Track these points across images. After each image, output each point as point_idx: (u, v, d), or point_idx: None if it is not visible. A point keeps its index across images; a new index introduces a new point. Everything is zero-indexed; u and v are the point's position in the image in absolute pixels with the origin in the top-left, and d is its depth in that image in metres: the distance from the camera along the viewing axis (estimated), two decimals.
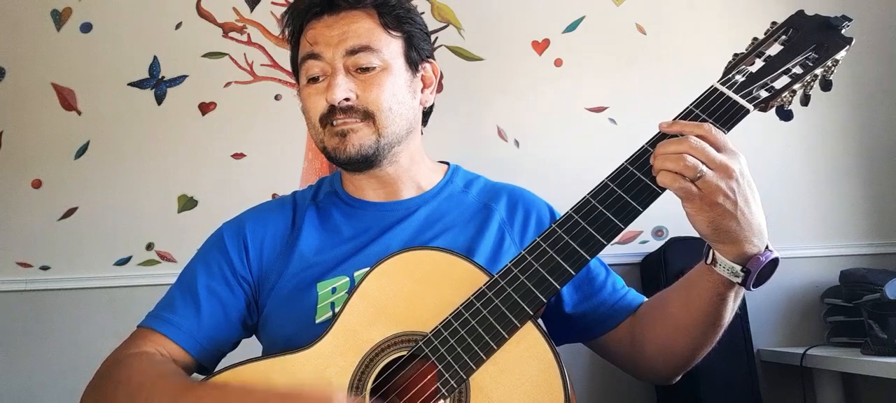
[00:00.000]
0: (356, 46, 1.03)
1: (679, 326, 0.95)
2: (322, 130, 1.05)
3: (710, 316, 0.92)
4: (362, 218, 1.08)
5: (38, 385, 2.08)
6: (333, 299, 0.98)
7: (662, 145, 0.83)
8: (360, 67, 1.03)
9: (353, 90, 1.02)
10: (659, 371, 1.02)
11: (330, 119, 1.03)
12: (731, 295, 0.90)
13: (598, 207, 0.85)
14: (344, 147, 1.03)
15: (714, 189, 0.79)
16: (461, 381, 0.81)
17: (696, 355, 0.97)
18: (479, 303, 0.84)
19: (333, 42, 1.03)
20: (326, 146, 1.05)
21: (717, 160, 0.80)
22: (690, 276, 0.94)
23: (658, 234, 2.34)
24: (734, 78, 0.89)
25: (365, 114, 1.02)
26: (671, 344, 0.97)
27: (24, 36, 2.26)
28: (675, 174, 0.80)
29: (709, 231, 0.83)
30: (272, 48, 2.35)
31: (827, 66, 0.89)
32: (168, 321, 1.00)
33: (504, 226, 1.08)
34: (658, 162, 0.82)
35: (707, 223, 0.82)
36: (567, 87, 2.41)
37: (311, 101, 1.05)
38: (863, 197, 2.45)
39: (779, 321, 2.32)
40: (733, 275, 0.85)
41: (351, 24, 1.04)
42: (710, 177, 0.79)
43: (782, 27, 0.93)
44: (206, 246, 1.10)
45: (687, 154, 0.79)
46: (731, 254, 0.85)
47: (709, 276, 0.89)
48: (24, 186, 2.19)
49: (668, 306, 0.98)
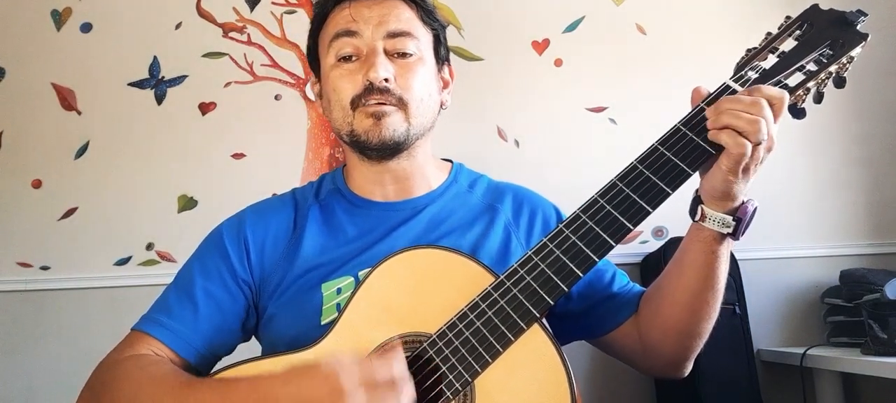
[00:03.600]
0: (398, 30, 1.02)
1: (677, 297, 0.94)
2: (352, 112, 1.01)
3: (705, 279, 0.92)
4: (367, 217, 1.06)
5: (38, 385, 2.07)
6: (339, 300, 0.96)
7: (733, 100, 0.82)
8: (398, 52, 1.02)
9: (392, 73, 1.00)
10: (669, 354, 0.99)
11: (362, 100, 1.00)
12: (722, 249, 0.90)
13: (606, 207, 0.84)
14: (378, 130, 1.00)
15: (758, 159, 0.82)
16: (466, 384, 0.81)
17: (699, 326, 0.96)
18: (484, 305, 0.83)
19: (374, 22, 1.01)
20: (356, 128, 1.01)
21: (773, 132, 0.82)
22: (681, 245, 0.95)
23: (658, 234, 2.34)
24: (747, 75, 0.87)
25: (400, 99, 1.00)
26: (674, 321, 0.96)
27: (24, 36, 2.25)
28: (739, 134, 0.80)
29: (721, 188, 0.84)
30: (272, 48, 2.35)
31: (842, 62, 0.87)
32: (163, 325, 0.97)
33: (510, 227, 1.07)
34: (727, 117, 0.81)
35: (729, 184, 0.84)
36: (567, 87, 2.41)
37: (343, 81, 1.02)
38: (863, 197, 2.45)
39: (779, 321, 2.32)
40: (724, 227, 0.87)
41: (393, 8, 1.03)
42: (763, 147, 0.82)
43: (796, 22, 0.91)
44: (204, 247, 1.06)
45: (761, 117, 0.80)
46: (723, 208, 0.87)
47: (698, 235, 0.90)
48: (24, 186, 2.19)
49: (665, 283, 0.98)
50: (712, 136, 0.83)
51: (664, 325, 0.97)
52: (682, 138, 0.85)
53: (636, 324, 1.02)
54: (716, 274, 0.91)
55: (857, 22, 0.88)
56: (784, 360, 2.17)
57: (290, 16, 2.36)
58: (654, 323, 0.99)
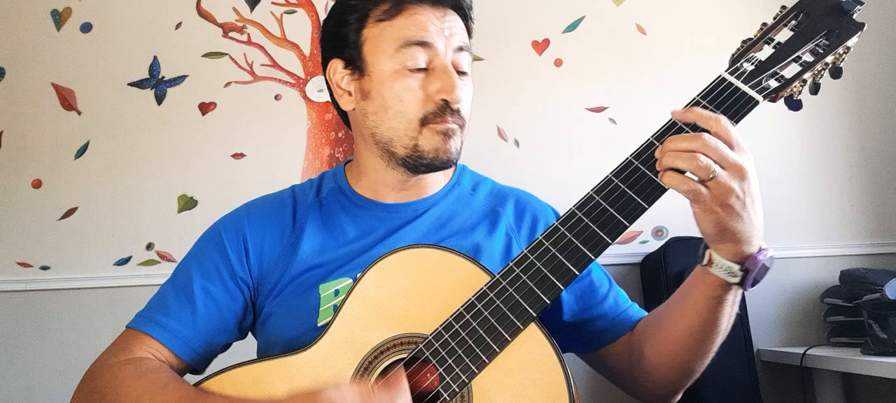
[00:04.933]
0: (462, 45, 1.00)
1: (677, 335, 0.91)
2: (419, 128, 0.97)
3: (707, 322, 0.88)
4: (369, 218, 1.04)
5: (38, 385, 2.07)
6: (336, 302, 0.95)
7: (672, 141, 0.77)
8: (460, 70, 0.99)
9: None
10: (659, 385, 0.97)
11: (435, 118, 0.97)
12: (729, 298, 0.86)
13: (601, 204, 0.82)
14: (447, 148, 0.98)
15: (726, 190, 0.75)
16: (463, 385, 0.80)
17: (694, 365, 0.93)
18: (480, 305, 0.82)
19: (445, 34, 0.98)
20: (422, 145, 0.97)
21: (730, 159, 0.75)
22: (686, 282, 0.91)
23: (658, 234, 2.33)
24: (743, 67, 0.85)
25: (463, 120, 1.00)
26: (670, 356, 0.93)
27: (24, 36, 2.26)
28: (683, 175, 0.75)
29: (714, 231, 0.79)
30: (272, 48, 2.35)
31: (838, 53, 0.85)
32: (161, 324, 0.96)
33: (511, 232, 1.05)
34: (667, 159, 0.76)
35: (714, 224, 0.78)
36: (567, 87, 2.41)
37: (412, 95, 0.96)
38: (863, 197, 2.44)
39: (779, 321, 2.32)
40: (731, 276, 0.82)
41: (456, 21, 1.00)
42: (724, 178, 0.74)
43: (792, 12, 0.88)
44: (202, 245, 1.05)
45: (700, 153, 0.74)
46: (730, 254, 0.81)
47: (704, 279, 0.85)
48: (24, 186, 2.19)
49: (665, 316, 0.95)
50: (661, 178, 0.78)
51: (659, 358, 0.95)
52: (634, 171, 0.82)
53: (629, 348, 1.00)
54: (719, 319, 0.87)
55: (852, 11, 0.86)
56: (784, 360, 2.16)
57: (290, 16, 2.36)
58: (649, 353, 0.96)
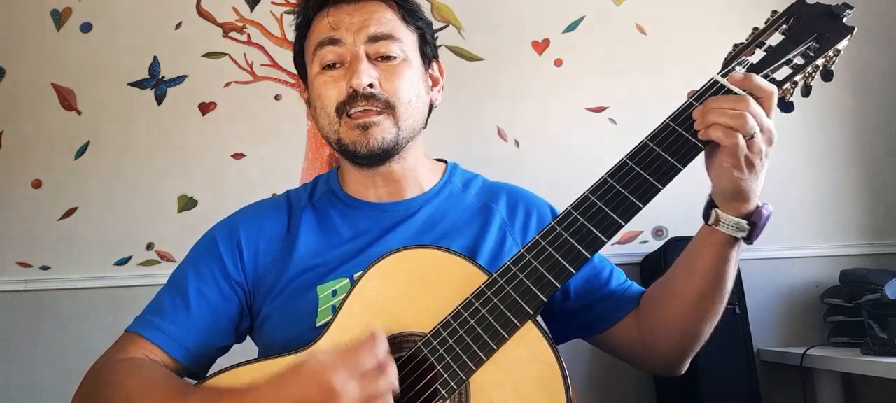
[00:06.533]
0: (380, 33, 1.01)
1: (687, 300, 0.94)
2: (338, 120, 1.01)
3: (715, 282, 0.92)
4: (361, 218, 1.06)
5: (38, 385, 2.08)
6: (334, 302, 0.95)
7: (717, 100, 0.83)
8: (381, 56, 1.01)
9: (376, 77, 1.00)
10: (668, 356, 1.00)
11: (347, 108, 1.00)
12: (734, 253, 0.90)
13: (597, 204, 0.84)
14: (366, 140, 1.00)
15: (758, 151, 0.82)
16: (461, 382, 0.81)
17: (704, 328, 0.96)
18: (477, 303, 0.83)
19: (355, 28, 1.01)
20: (343, 139, 1.02)
21: (766, 124, 0.83)
22: (691, 246, 0.95)
23: (658, 234, 2.33)
24: (735, 69, 0.88)
25: (386, 104, 1.00)
26: (680, 320, 0.96)
27: (24, 36, 2.26)
28: (729, 128, 0.81)
29: (731, 188, 0.85)
30: (272, 48, 2.35)
31: (828, 56, 0.88)
32: (157, 326, 0.97)
33: (505, 227, 1.06)
34: (713, 115, 0.82)
35: (734, 181, 0.84)
36: (567, 87, 2.41)
37: (327, 89, 1.02)
38: (863, 197, 2.44)
39: (779, 321, 2.32)
40: (739, 231, 0.87)
41: (373, 12, 1.03)
42: (759, 139, 0.82)
43: (783, 16, 0.92)
44: (197, 249, 1.06)
45: (748, 112, 0.81)
46: (737, 211, 0.87)
47: (711, 238, 0.90)
48: (24, 186, 2.20)
49: (672, 283, 0.98)
50: (702, 135, 0.83)
51: (668, 324, 0.97)
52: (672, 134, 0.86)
53: (637, 322, 1.02)
54: (725, 277, 0.92)
55: (842, 15, 0.89)
56: (784, 360, 2.17)
57: (290, 16, 2.36)
58: (658, 321, 0.99)
